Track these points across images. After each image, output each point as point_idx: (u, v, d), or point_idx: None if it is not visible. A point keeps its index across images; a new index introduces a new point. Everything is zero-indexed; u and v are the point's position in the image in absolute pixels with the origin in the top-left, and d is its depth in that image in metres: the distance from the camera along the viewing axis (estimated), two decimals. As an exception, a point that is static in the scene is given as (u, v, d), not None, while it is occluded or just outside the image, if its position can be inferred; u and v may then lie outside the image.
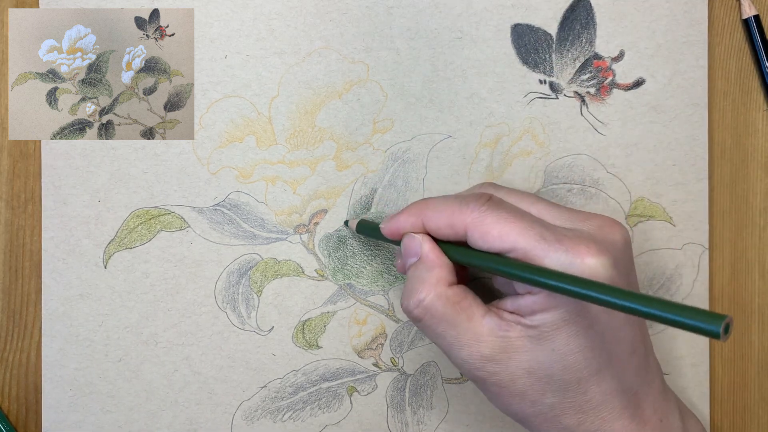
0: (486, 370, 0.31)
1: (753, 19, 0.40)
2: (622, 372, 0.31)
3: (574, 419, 0.31)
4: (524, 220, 0.31)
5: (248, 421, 0.39)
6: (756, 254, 0.40)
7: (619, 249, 0.32)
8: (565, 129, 0.39)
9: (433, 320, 0.32)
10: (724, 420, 0.40)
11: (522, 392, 0.31)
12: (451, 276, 0.33)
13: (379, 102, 0.39)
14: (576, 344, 0.30)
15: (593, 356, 0.31)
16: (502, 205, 0.32)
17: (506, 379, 0.31)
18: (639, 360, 0.32)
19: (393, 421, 0.39)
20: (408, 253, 0.33)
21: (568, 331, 0.30)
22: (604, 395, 0.31)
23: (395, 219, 0.34)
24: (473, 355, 0.31)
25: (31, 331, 0.39)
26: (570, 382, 0.31)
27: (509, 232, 0.30)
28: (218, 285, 0.39)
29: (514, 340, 0.31)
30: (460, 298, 0.32)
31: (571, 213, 0.33)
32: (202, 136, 0.39)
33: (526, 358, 0.31)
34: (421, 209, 0.33)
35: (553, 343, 0.30)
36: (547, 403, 0.31)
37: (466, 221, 0.32)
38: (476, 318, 0.32)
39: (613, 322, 0.31)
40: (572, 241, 0.30)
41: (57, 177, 0.38)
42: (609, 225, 0.32)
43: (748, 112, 0.40)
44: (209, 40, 0.38)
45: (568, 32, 0.39)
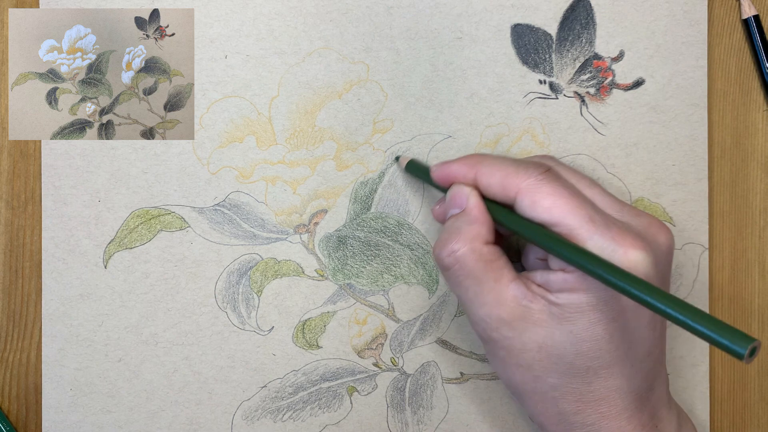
0: (500, 332, 0.31)
1: (753, 19, 0.40)
2: (632, 372, 0.31)
3: (572, 406, 0.31)
4: (577, 198, 0.31)
5: (248, 421, 0.39)
6: (756, 254, 0.40)
7: (662, 251, 0.31)
8: (564, 129, 0.39)
9: (462, 272, 0.32)
10: (724, 420, 0.40)
11: (528, 365, 0.31)
12: (489, 235, 0.32)
13: (379, 102, 0.39)
14: (595, 332, 0.30)
15: (609, 349, 0.30)
16: (558, 179, 0.32)
17: (517, 346, 0.31)
18: (651, 364, 0.32)
19: (393, 421, 0.39)
20: (453, 203, 0.33)
21: (591, 318, 0.30)
22: (609, 390, 0.31)
23: (448, 166, 0.34)
24: (491, 315, 0.31)
25: (31, 331, 0.39)
26: (579, 368, 0.31)
27: (560, 206, 0.30)
28: (218, 285, 0.39)
29: (535, 312, 0.31)
30: (493, 257, 0.32)
31: (623, 206, 0.33)
32: (202, 136, 0.39)
33: (542, 332, 0.31)
34: (477, 162, 0.33)
35: (573, 325, 0.30)
36: (549, 382, 0.31)
37: (520, 185, 0.31)
38: (504, 281, 0.31)
39: (637, 321, 0.31)
40: (620, 230, 0.30)
41: (57, 177, 0.38)
42: (657, 226, 0.32)
43: (748, 112, 0.40)
44: (209, 40, 0.38)
45: (568, 32, 0.39)
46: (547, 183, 0.31)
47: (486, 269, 0.31)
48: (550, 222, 0.30)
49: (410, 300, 0.39)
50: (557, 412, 0.32)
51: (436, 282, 0.39)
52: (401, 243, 0.39)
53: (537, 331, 0.31)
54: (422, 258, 0.39)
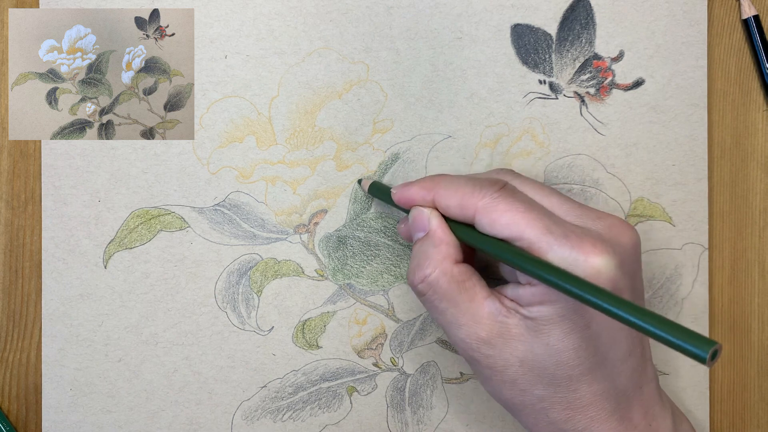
0: (481, 351, 0.32)
1: (753, 19, 0.40)
2: (615, 374, 0.31)
3: (561, 415, 0.31)
4: (533, 211, 0.31)
5: (248, 421, 0.39)
6: (756, 254, 0.40)
7: (626, 251, 0.31)
8: (564, 129, 0.39)
9: (436, 296, 0.32)
10: (724, 420, 0.40)
11: (513, 380, 0.31)
12: (457, 253, 0.32)
13: (379, 102, 0.39)
14: (570, 341, 0.30)
15: (587, 355, 0.31)
16: (514, 194, 0.32)
17: (499, 363, 0.31)
18: (634, 363, 0.32)
19: (393, 421, 0.39)
20: (416, 226, 0.33)
21: (564, 328, 0.30)
22: (594, 395, 0.31)
23: (407, 188, 0.34)
24: (470, 335, 0.32)
25: (31, 331, 0.39)
26: (561, 378, 0.31)
27: (517, 222, 0.30)
28: (218, 285, 0.39)
29: (512, 327, 0.31)
30: (464, 277, 0.32)
31: (584, 210, 0.33)
32: (202, 136, 0.39)
33: (521, 347, 0.31)
34: (434, 184, 0.33)
35: (548, 337, 0.30)
36: (536, 394, 0.31)
37: (477, 205, 0.31)
38: (478, 299, 0.32)
39: (611, 324, 0.31)
40: (579, 238, 0.30)
41: (57, 177, 0.38)
42: (619, 226, 0.32)
43: (748, 112, 0.40)
44: (209, 40, 0.38)
45: (567, 32, 0.39)
46: (503, 200, 0.31)
47: (459, 290, 0.32)
48: (510, 237, 0.31)
49: (410, 300, 0.39)
50: (548, 422, 0.32)
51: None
52: (401, 243, 0.39)
53: (516, 346, 0.31)
54: (422, 258, 0.39)
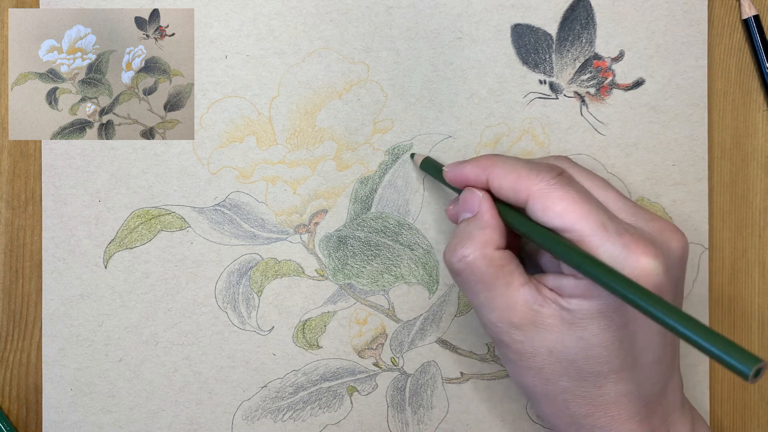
0: (511, 336, 0.31)
1: (753, 19, 0.40)
2: (642, 377, 0.31)
3: (583, 409, 0.31)
4: (589, 203, 0.30)
5: (248, 421, 0.39)
6: (756, 254, 0.40)
7: (675, 256, 0.31)
8: (564, 129, 0.39)
9: (472, 277, 0.32)
10: (724, 420, 0.40)
11: (539, 368, 0.31)
12: (501, 240, 0.32)
13: (379, 102, 0.39)
14: (605, 338, 0.30)
15: (618, 354, 0.30)
16: (571, 182, 0.31)
17: (528, 350, 0.31)
18: (663, 369, 0.32)
19: (393, 420, 0.39)
20: (465, 207, 0.33)
21: (601, 324, 0.30)
22: (619, 395, 0.31)
23: (461, 167, 0.34)
24: (502, 319, 0.31)
25: (32, 331, 0.39)
26: (589, 373, 0.31)
27: (572, 212, 0.30)
28: (218, 285, 0.39)
29: (546, 317, 0.31)
30: (504, 262, 0.32)
31: (637, 209, 0.32)
32: (202, 136, 0.39)
33: (552, 337, 0.31)
34: (490, 164, 0.33)
35: (583, 330, 0.30)
36: (560, 385, 0.31)
37: (531, 189, 0.31)
38: (514, 285, 0.31)
39: (648, 327, 0.31)
40: (632, 236, 0.30)
41: (57, 177, 0.38)
42: (670, 231, 0.32)
43: (748, 112, 0.40)
44: (209, 40, 0.38)
45: (568, 32, 0.39)
46: (559, 187, 0.31)
47: (496, 274, 0.31)
48: (562, 228, 0.30)
49: (410, 300, 0.39)
50: (568, 415, 0.32)
51: (436, 282, 0.39)
52: (401, 243, 0.39)
53: (547, 336, 0.31)
54: (422, 258, 0.39)
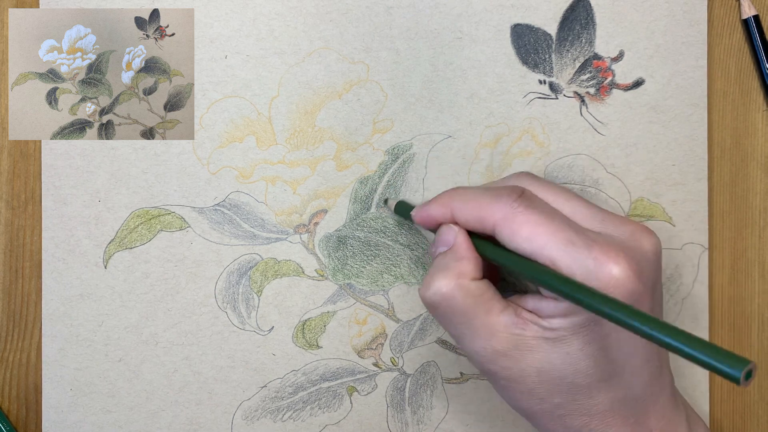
0: (497, 364, 0.31)
1: (753, 19, 0.40)
2: (632, 382, 0.31)
3: (579, 421, 0.31)
4: (554, 222, 0.30)
5: (248, 421, 0.39)
6: (756, 254, 0.40)
7: (647, 259, 0.31)
8: (564, 129, 0.39)
9: (449, 309, 0.32)
10: (724, 420, 0.40)
11: (530, 390, 0.31)
12: (476, 271, 0.32)
13: (379, 102, 0.39)
14: (590, 350, 0.30)
15: (606, 363, 0.30)
16: (533, 203, 0.31)
17: (516, 375, 0.31)
18: (651, 370, 0.32)
19: (393, 421, 0.39)
20: (440, 241, 0.33)
21: (585, 337, 0.30)
22: (612, 402, 0.31)
23: (426, 207, 0.34)
24: (486, 348, 0.31)
25: (32, 331, 0.39)
26: (580, 386, 0.31)
27: (538, 235, 0.30)
28: (218, 285, 0.39)
29: (529, 339, 0.31)
30: (480, 291, 0.32)
31: (605, 215, 0.32)
32: (202, 136, 0.39)
33: (538, 357, 0.31)
34: (450, 199, 0.33)
35: (568, 346, 0.30)
36: (554, 402, 0.31)
37: (495, 217, 0.31)
38: (494, 312, 0.31)
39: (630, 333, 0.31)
40: (600, 248, 0.30)
41: (57, 177, 0.38)
42: (641, 232, 0.32)
43: (748, 112, 0.40)
44: (209, 40, 0.38)
45: (567, 32, 0.39)
46: (522, 210, 0.31)
47: (474, 305, 0.31)
48: (531, 252, 0.30)
49: (410, 300, 0.39)
50: (566, 428, 0.32)
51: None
52: (401, 243, 0.39)
53: (533, 357, 0.31)
54: (422, 258, 0.39)
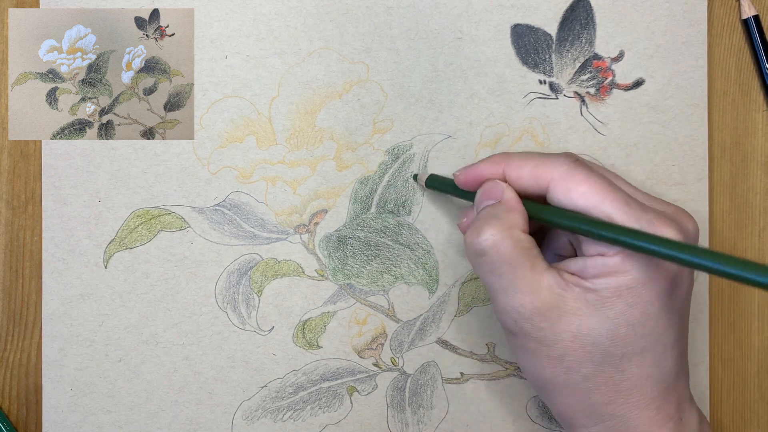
0: (533, 323, 0.31)
1: (752, 19, 0.40)
2: (662, 359, 0.31)
3: (605, 397, 0.31)
4: (611, 183, 0.31)
5: (248, 421, 0.39)
6: (756, 254, 0.40)
7: (691, 237, 0.32)
8: (564, 129, 0.39)
9: (498, 257, 0.31)
10: (724, 420, 0.40)
11: (560, 356, 0.31)
12: (525, 224, 0.32)
13: (379, 102, 0.39)
14: (631, 316, 0.30)
15: (643, 334, 0.30)
16: (589, 166, 0.32)
17: (550, 337, 0.31)
18: (679, 353, 0.32)
19: (393, 421, 0.39)
20: (488, 195, 0.33)
21: (628, 301, 0.30)
22: (641, 379, 0.31)
23: (474, 167, 0.34)
24: (525, 304, 0.31)
25: (32, 331, 0.39)
26: (613, 355, 0.31)
27: (595, 192, 0.30)
28: (218, 285, 0.39)
29: (570, 301, 0.31)
30: (530, 245, 0.32)
31: (649, 196, 0.33)
32: (202, 136, 0.39)
33: (576, 321, 0.30)
34: (505, 159, 0.33)
35: (609, 310, 0.30)
36: (582, 373, 0.31)
37: (552, 174, 0.31)
38: (538, 269, 0.31)
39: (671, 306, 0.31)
40: (655, 214, 0.30)
41: (57, 177, 0.38)
42: (684, 214, 0.32)
43: (748, 112, 0.40)
44: (209, 40, 0.38)
45: (567, 32, 0.39)
46: (580, 170, 0.31)
47: (522, 256, 0.31)
48: (586, 207, 0.30)
49: (410, 300, 0.39)
50: (588, 404, 0.31)
51: (436, 282, 0.39)
52: (401, 243, 0.39)
53: (571, 320, 0.31)
54: (422, 258, 0.39)
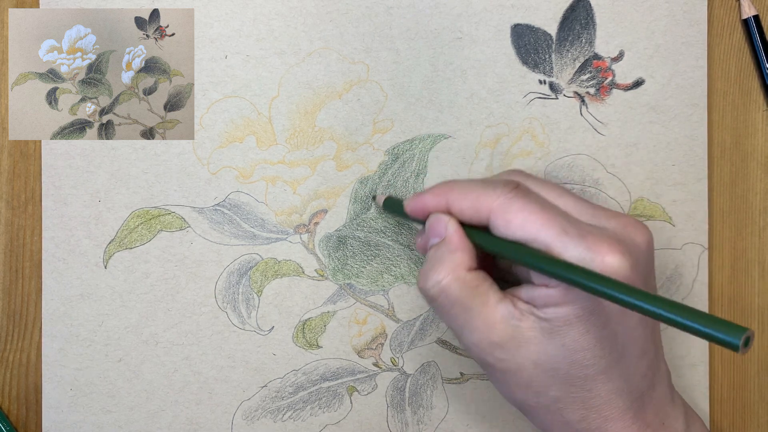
0: (494, 356, 0.31)
1: (753, 19, 0.40)
2: (629, 373, 0.31)
3: (576, 414, 0.31)
4: (548, 211, 0.31)
5: (248, 421, 0.39)
6: (756, 254, 0.40)
7: (641, 251, 0.31)
8: (564, 129, 0.39)
9: (448, 301, 0.32)
10: (724, 420, 0.40)
11: (527, 382, 0.31)
12: (471, 261, 0.32)
13: (379, 102, 0.39)
14: (586, 341, 0.30)
15: (603, 355, 0.30)
16: (528, 194, 0.32)
17: (513, 367, 0.31)
18: (648, 362, 0.32)
19: (393, 421, 0.39)
20: (433, 232, 0.33)
21: (580, 328, 0.30)
22: (609, 393, 0.31)
23: (420, 198, 0.34)
24: (483, 340, 0.31)
25: (32, 331, 0.39)
26: (576, 377, 0.31)
27: (533, 222, 0.30)
28: (218, 285, 0.39)
29: (525, 330, 0.31)
30: (477, 282, 0.32)
31: (597, 210, 0.33)
32: (202, 136, 0.39)
33: (535, 349, 0.31)
34: (447, 190, 0.33)
35: (563, 338, 0.30)
36: (551, 395, 0.31)
37: (491, 206, 0.31)
38: (491, 304, 0.31)
39: (627, 323, 0.31)
40: (594, 237, 0.30)
41: (57, 177, 0.38)
42: (633, 225, 0.32)
43: (748, 112, 0.40)
44: (209, 40, 0.38)
45: (567, 32, 0.39)
46: (517, 200, 0.31)
47: (472, 295, 0.32)
48: (525, 238, 0.30)
49: (410, 300, 0.39)
50: (563, 422, 0.32)
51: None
52: (401, 243, 0.39)
53: (530, 349, 0.31)
54: (422, 258, 0.39)
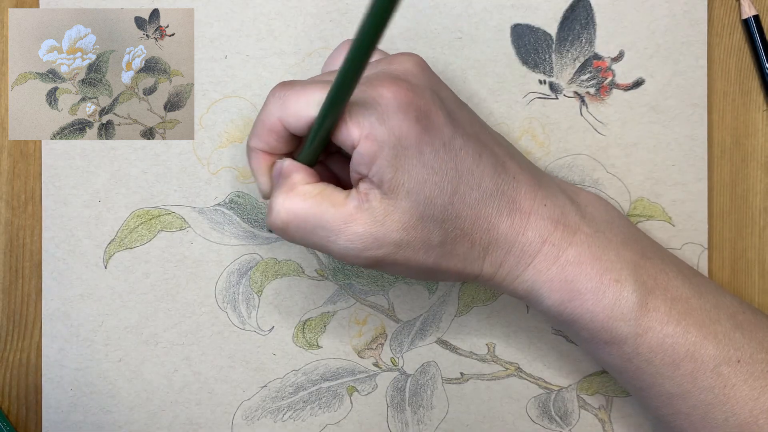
0: (370, 247, 0.31)
1: (753, 19, 0.40)
2: (477, 180, 0.32)
3: (465, 244, 0.32)
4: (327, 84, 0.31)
5: (248, 421, 0.39)
6: (756, 254, 0.40)
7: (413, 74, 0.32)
8: (564, 129, 0.39)
9: (298, 220, 0.31)
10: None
11: (411, 245, 0.31)
12: (308, 177, 0.32)
13: (379, 102, 0.39)
14: (421, 176, 0.31)
15: (442, 178, 0.31)
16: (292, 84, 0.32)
17: (391, 244, 0.31)
18: (490, 161, 0.32)
19: (393, 421, 0.39)
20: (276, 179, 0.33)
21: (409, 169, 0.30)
22: (474, 208, 0.32)
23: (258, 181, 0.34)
24: (351, 238, 0.31)
25: (32, 331, 0.39)
26: (438, 212, 0.31)
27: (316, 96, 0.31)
28: (218, 285, 0.39)
29: (376, 205, 0.31)
30: (319, 189, 0.32)
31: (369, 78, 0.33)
32: (202, 136, 0.39)
33: (396, 216, 0.31)
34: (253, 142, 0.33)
35: (402, 187, 0.31)
36: (435, 242, 0.32)
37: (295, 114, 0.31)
38: (339, 201, 0.31)
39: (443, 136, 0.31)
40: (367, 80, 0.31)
41: (57, 177, 0.38)
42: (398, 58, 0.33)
43: (748, 112, 0.40)
44: (209, 40, 0.38)
45: (567, 32, 0.39)
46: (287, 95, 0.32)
47: (318, 202, 0.31)
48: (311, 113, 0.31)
49: (410, 300, 0.39)
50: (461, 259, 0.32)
51: (436, 282, 0.39)
52: (401, 243, 0.39)
53: (392, 218, 0.31)
54: (422, 258, 0.39)
